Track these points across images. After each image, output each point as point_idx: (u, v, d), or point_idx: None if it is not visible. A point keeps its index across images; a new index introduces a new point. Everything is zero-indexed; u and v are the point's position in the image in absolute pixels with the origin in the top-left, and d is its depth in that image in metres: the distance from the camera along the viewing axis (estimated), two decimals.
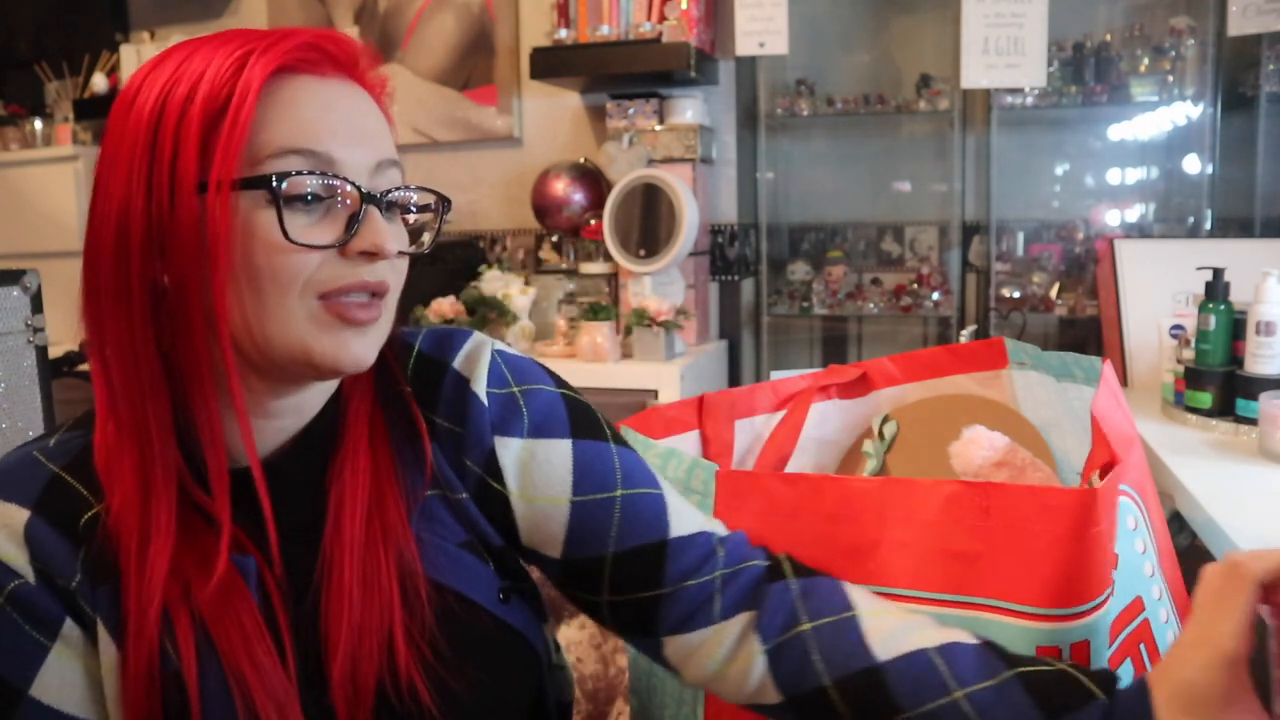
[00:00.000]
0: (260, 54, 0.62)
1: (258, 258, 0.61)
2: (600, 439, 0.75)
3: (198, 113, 0.60)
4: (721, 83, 2.62)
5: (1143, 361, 1.80)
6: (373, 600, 0.67)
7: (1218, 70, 2.35)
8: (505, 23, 2.80)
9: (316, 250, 0.61)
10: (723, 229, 2.67)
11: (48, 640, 0.63)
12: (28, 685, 0.62)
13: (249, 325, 0.62)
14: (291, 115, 0.62)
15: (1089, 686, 0.61)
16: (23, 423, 1.13)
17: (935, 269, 2.69)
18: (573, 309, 2.49)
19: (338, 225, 0.63)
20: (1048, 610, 0.73)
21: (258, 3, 3.07)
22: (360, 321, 0.63)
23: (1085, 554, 0.72)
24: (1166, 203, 2.58)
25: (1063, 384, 1.04)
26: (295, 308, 0.62)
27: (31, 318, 1.14)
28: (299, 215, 0.61)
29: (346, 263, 0.63)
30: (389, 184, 0.66)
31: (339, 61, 0.66)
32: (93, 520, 0.64)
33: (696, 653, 0.72)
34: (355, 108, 0.66)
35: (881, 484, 0.79)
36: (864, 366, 1.18)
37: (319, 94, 0.64)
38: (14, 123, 3.05)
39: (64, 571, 0.63)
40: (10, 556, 0.62)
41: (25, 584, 0.62)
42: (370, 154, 0.65)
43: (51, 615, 0.63)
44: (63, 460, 0.66)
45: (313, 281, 0.62)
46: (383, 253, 0.63)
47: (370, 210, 0.64)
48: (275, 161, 0.61)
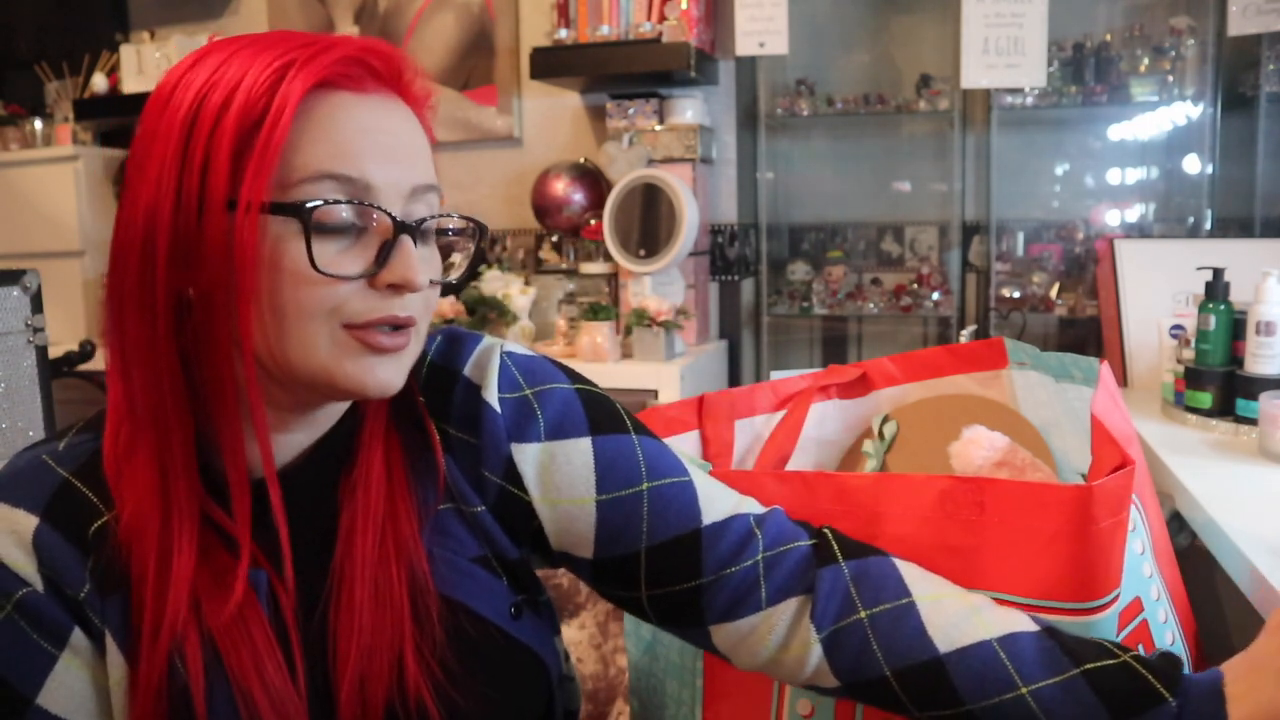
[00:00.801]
0: (301, 66, 0.59)
1: (284, 284, 0.59)
2: (621, 431, 0.72)
3: (232, 124, 0.58)
4: (721, 83, 2.62)
5: (1143, 361, 1.80)
6: (384, 617, 0.66)
7: (1218, 70, 2.35)
8: (505, 23, 2.80)
9: (345, 281, 0.60)
10: (723, 229, 2.67)
11: (55, 649, 0.62)
12: (35, 694, 0.61)
13: (271, 347, 0.61)
14: (328, 136, 0.60)
15: (1156, 687, 0.61)
16: (23, 423, 1.13)
17: (935, 269, 2.69)
18: (573, 309, 2.49)
19: (369, 253, 0.61)
20: (1051, 603, 0.73)
21: (258, 3, 3.07)
22: (386, 349, 0.62)
23: (1089, 551, 0.72)
24: (1166, 203, 2.58)
25: (1061, 384, 1.04)
26: (320, 334, 0.60)
27: (31, 318, 1.14)
28: (329, 243, 0.60)
29: (375, 294, 0.61)
30: (425, 210, 0.64)
31: (382, 76, 0.64)
32: (101, 529, 0.63)
33: (747, 640, 0.71)
34: (395, 127, 0.63)
35: (875, 480, 0.79)
36: (864, 366, 1.18)
37: (358, 113, 0.61)
38: (14, 123, 3.05)
39: (72, 581, 0.62)
40: (18, 564, 0.61)
41: (33, 592, 0.61)
42: (407, 178, 0.63)
43: (60, 624, 0.62)
44: (72, 466, 0.65)
45: (339, 311, 0.60)
46: (413, 286, 0.61)
47: (403, 240, 0.61)
48: (309, 186, 0.59)
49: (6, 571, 0.61)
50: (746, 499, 0.75)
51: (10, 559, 0.61)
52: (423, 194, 0.64)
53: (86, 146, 3.02)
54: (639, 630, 0.94)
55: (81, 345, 1.49)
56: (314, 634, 0.66)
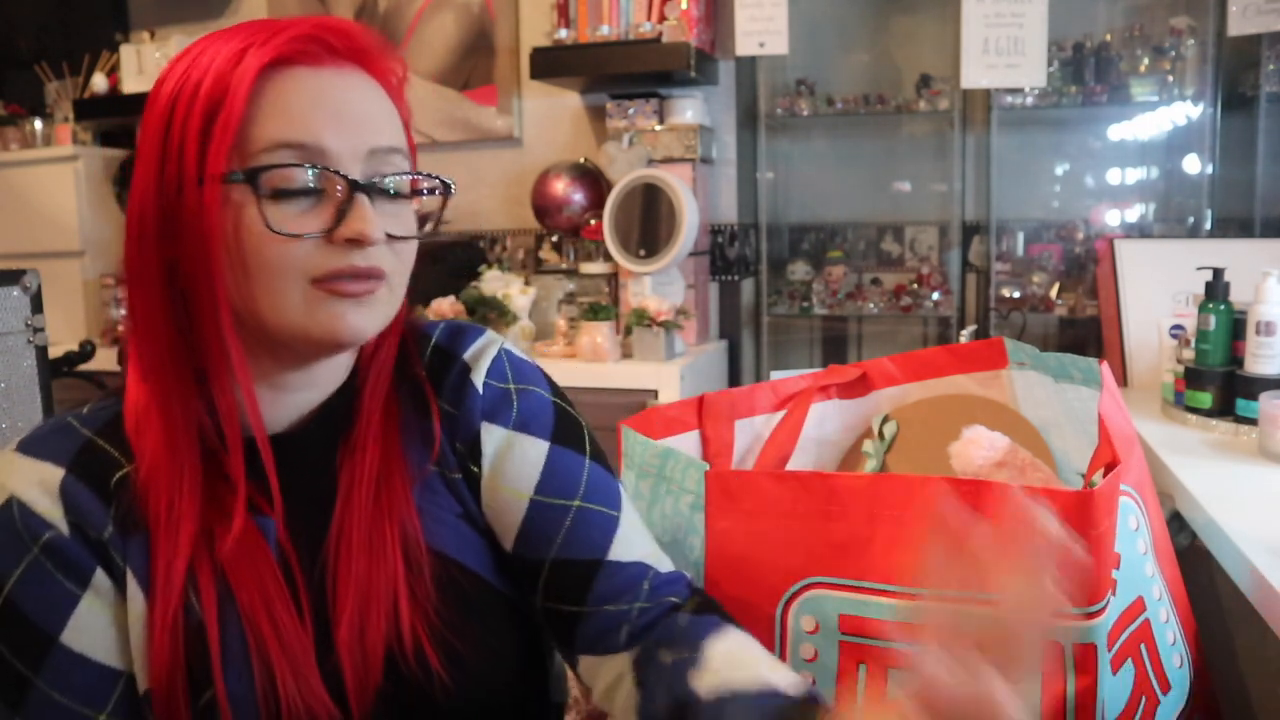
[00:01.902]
0: (257, 47, 0.65)
1: (247, 247, 0.64)
2: (578, 451, 0.78)
3: (200, 107, 0.64)
4: (721, 83, 2.62)
5: (1143, 361, 1.80)
6: (378, 568, 0.70)
7: (1218, 70, 2.35)
8: (505, 23, 2.80)
9: (302, 239, 0.64)
10: (723, 229, 2.67)
11: (78, 589, 0.66)
12: (58, 633, 0.65)
13: (248, 308, 0.66)
14: (283, 108, 0.65)
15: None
16: (23, 423, 1.13)
17: (935, 269, 2.69)
18: (573, 309, 2.49)
19: (328, 213, 0.65)
20: None
21: (258, 3, 3.08)
22: (354, 294, 0.66)
23: (1088, 554, 0.72)
24: (1166, 203, 2.58)
25: (1061, 384, 1.04)
26: (288, 292, 0.65)
27: (31, 318, 1.14)
28: (288, 205, 0.64)
29: (336, 249, 0.65)
30: (388, 169, 0.68)
31: (337, 50, 0.68)
32: (123, 479, 0.67)
33: (598, 676, 0.74)
34: (350, 95, 0.67)
35: (871, 481, 0.79)
36: (864, 366, 1.18)
37: (311, 85, 0.66)
38: (14, 123, 3.05)
39: (96, 524, 0.66)
40: (45, 510, 0.66)
41: (59, 535, 0.65)
42: (364, 141, 0.67)
43: (83, 565, 0.66)
44: (95, 426, 0.70)
45: (304, 268, 0.65)
46: (367, 239, 0.65)
47: (358, 198, 0.66)
48: (267, 155, 0.64)
49: (35, 517, 0.65)
50: (665, 558, 0.77)
51: (38, 506, 0.66)
52: (384, 155, 0.68)
53: (86, 146, 3.02)
54: None
55: (81, 345, 1.49)
56: (316, 580, 0.70)
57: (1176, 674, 0.86)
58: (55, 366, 1.28)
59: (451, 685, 0.70)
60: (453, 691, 0.70)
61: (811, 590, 0.81)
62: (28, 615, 0.65)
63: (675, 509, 0.89)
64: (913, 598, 0.77)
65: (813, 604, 0.80)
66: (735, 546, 0.84)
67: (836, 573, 0.80)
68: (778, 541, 0.82)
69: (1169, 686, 0.85)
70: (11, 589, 0.65)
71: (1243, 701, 1.11)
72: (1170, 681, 0.85)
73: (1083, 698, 0.73)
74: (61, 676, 0.65)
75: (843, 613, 0.79)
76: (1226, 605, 1.14)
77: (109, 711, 0.66)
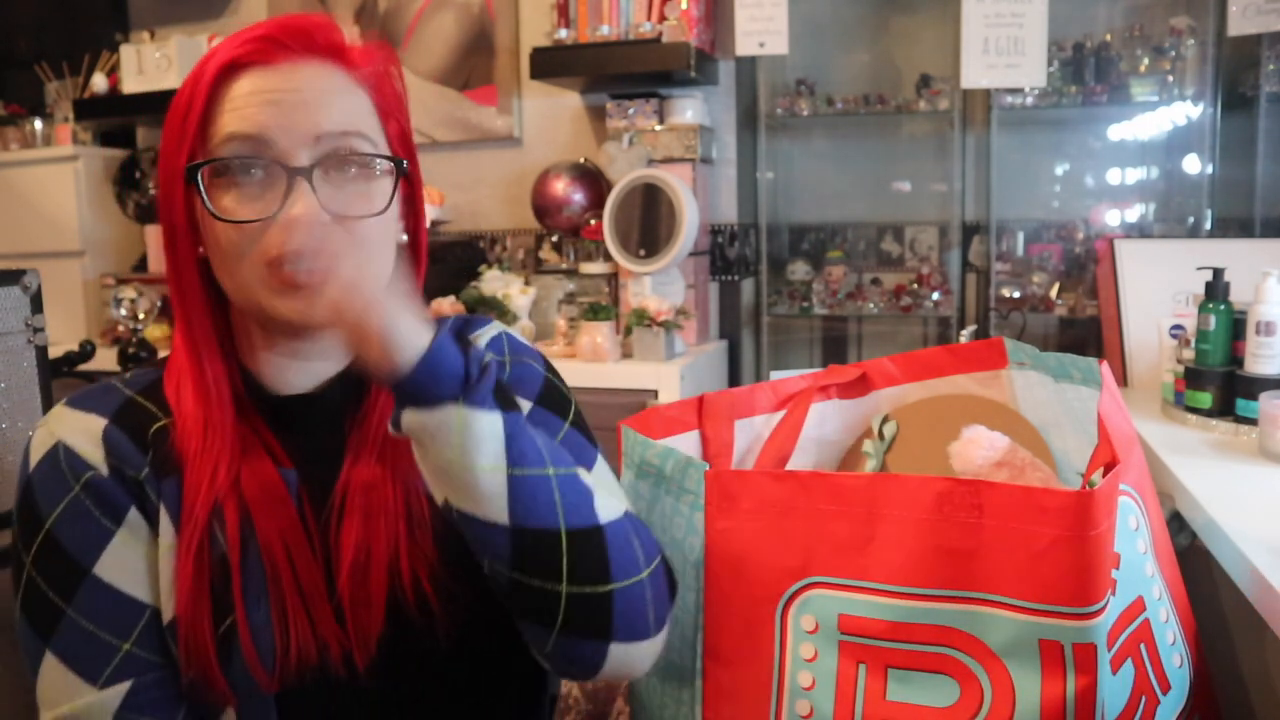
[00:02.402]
0: (216, 53, 0.72)
1: (209, 235, 0.73)
2: (560, 416, 0.85)
3: (178, 110, 0.73)
4: (721, 83, 2.62)
5: (1143, 361, 1.80)
6: (377, 523, 0.76)
7: (1218, 70, 2.35)
8: (505, 23, 2.80)
9: (246, 223, 0.70)
10: (723, 229, 2.67)
11: (113, 525, 0.73)
12: (92, 565, 0.72)
13: (228, 287, 0.74)
14: (233, 105, 0.71)
15: None
16: (23, 423, 1.13)
17: (935, 269, 2.68)
18: (573, 309, 2.49)
19: (275, 200, 0.70)
20: (1050, 606, 0.73)
21: (258, 3, 3.07)
22: (302, 283, 0.70)
23: (1087, 556, 0.72)
24: (1166, 203, 2.57)
25: (1061, 384, 1.04)
26: (250, 274, 0.71)
27: (31, 318, 1.14)
28: (235, 192, 0.71)
29: (284, 231, 0.70)
30: (343, 152, 0.73)
31: (290, 47, 0.73)
32: (160, 430, 0.75)
33: None
34: (299, 85, 0.72)
35: (871, 480, 0.79)
36: (864, 366, 1.18)
37: (259, 81, 0.72)
38: (14, 123, 3.05)
39: (134, 465, 0.74)
40: (88, 453, 0.73)
41: (99, 475, 0.73)
42: (310, 127, 0.71)
43: (119, 503, 0.73)
44: (137, 388, 0.79)
45: (257, 250, 0.70)
46: (303, 219, 0.70)
47: (297, 181, 0.70)
48: (219, 149, 0.71)
49: (78, 459, 0.73)
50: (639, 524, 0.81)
51: (82, 450, 0.73)
52: (334, 139, 0.72)
53: (86, 146, 3.02)
54: None
55: (81, 345, 1.49)
56: (323, 525, 0.76)
57: (1176, 674, 0.86)
58: (55, 366, 1.28)
59: (451, 629, 0.76)
60: (453, 636, 0.76)
61: (811, 590, 0.81)
62: (65, 548, 0.71)
63: (675, 509, 0.89)
64: (914, 598, 0.77)
65: (813, 604, 0.80)
66: (735, 546, 0.84)
67: (836, 573, 0.80)
68: (778, 541, 0.82)
69: (1169, 686, 0.85)
70: (53, 523, 0.72)
71: (1243, 701, 1.11)
72: (1170, 681, 0.85)
73: (1082, 698, 0.73)
74: (91, 605, 0.71)
75: (843, 613, 0.79)
76: (1226, 605, 1.14)
77: (134, 641, 0.72)
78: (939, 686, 0.76)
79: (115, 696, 0.71)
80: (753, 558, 0.83)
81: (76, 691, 0.70)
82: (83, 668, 0.71)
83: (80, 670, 0.71)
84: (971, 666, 0.75)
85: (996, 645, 0.74)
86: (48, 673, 0.71)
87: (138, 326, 2.64)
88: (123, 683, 0.71)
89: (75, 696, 0.70)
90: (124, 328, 2.67)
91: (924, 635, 0.76)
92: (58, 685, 0.71)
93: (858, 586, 0.79)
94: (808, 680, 0.81)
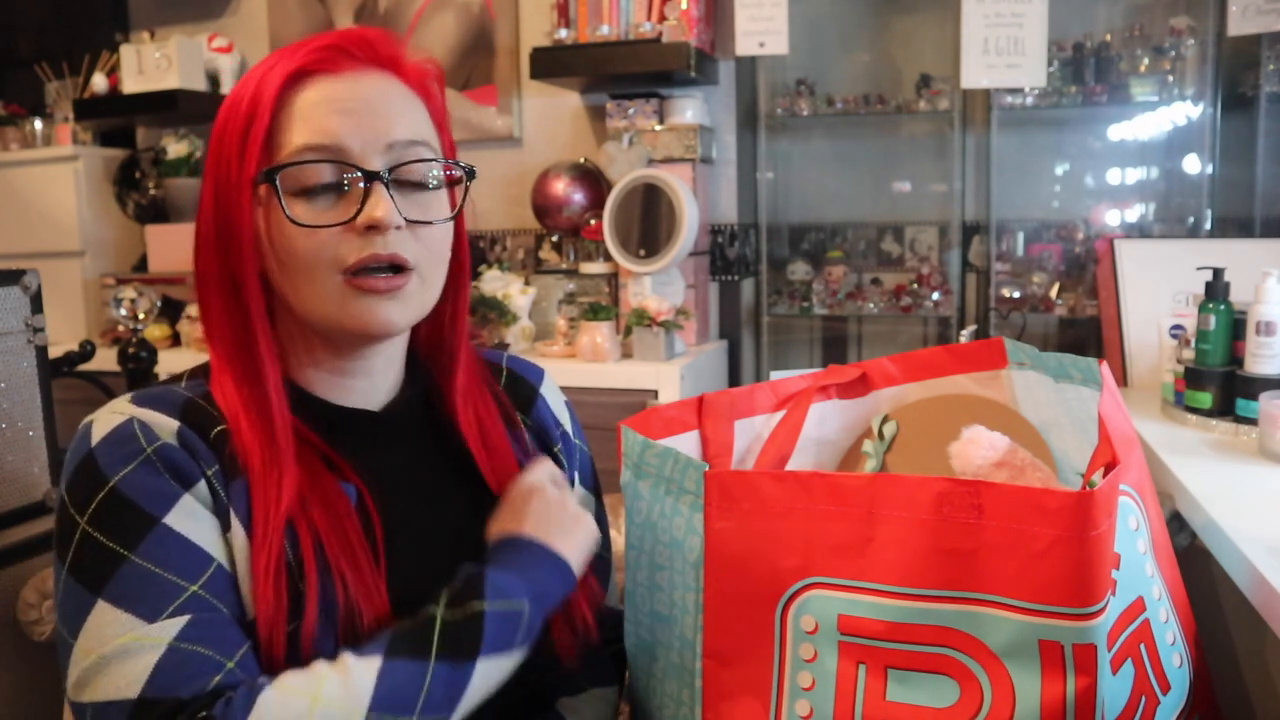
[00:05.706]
0: (284, 62, 0.72)
1: (279, 244, 0.72)
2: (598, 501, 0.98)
3: (238, 122, 0.72)
4: (721, 83, 2.62)
5: (1143, 361, 1.80)
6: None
7: (1218, 70, 2.35)
8: (505, 23, 2.80)
9: (326, 229, 0.70)
10: (723, 229, 2.67)
11: (182, 488, 0.70)
12: (163, 515, 0.68)
13: (294, 303, 0.74)
14: (304, 114, 0.71)
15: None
16: (23, 423, 1.13)
17: (935, 269, 2.68)
18: (573, 309, 2.49)
19: (351, 206, 0.71)
20: (1049, 607, 0.73)
21: (258, 3, 3.07)
22: (382, 291, 0.72)
23: (1087, 557, 0.72)
24: (1166, 203, 2.57)
25: (1061, 385, 1.04)
26: (324, 284, 0.72)
27: (31, 318, 1.14)
28: (313, 202, 0.71)
29: (360, 238, 0.71)
30: (411, 160, 0.74)
31: (356, 56, 0.74)
32: (221, 434, 0.74)
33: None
34: (367, 95, 0.73)
35: (870, 481, 0.79)
36: (864, 366, 1.18)
37: (330, 90, 0.72)
38: (14, 123, 3.05)
39: (205, 460, 0.72)
40: (163, 432, 0.71)
41: (171, 445, 0.71)
42: (382, 135, 0.72)
43: (189, 472, 0.71)
44: (194, 393, 0.77)
45: (333, 259, 0.71)
46: (383, 224, 0.70)
47: (375, 187, 0.71)
48: (294, 158, 0.71)
49: (151, 431, 0.71)
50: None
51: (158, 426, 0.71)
52: (405, 148, 0.74)
53: (86, 146, 3.02)
54: (638, 630, 0.94)
55: (81, 345, 1.49)
56: (387, 535, 0.77)
57: (1176, 674, 0.86)
58: (55, 366, 1.28)
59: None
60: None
61: (811, 590, 0.81)
62: (134, 500, 0.68)
63: (675, 509, 0.89)
64: (914, 599, 0.77)
65: (813, 604, 0.80)
66: (735, 546, 0.84)
67: (836, 573, 0.80)
68: (777, 542, 0.81)
69: (1169, 686, 0.85)
70: (119, 481, 0.68)
71: (1243, 701, 1.11)
72: (1170, 681, 0.85)
73: (1082, 698, 0.73)
74: (160, 550, 0.67)
75: (843, 613, 0.79)
76: (1226, 605, 1.14)
77: (202, 585, 0.68)
78: (939, 687, 0.76)
79: (173, 626, 0.65)
80: (752, 558, 0.83)
81: (129, 627, 0.64)
82: (140, 609, 0.65)
83: (137, 611, 0.65)
84: (971, 667, 0.75)
85: (996, 646, 0.74)
86: (95, 621, 0.64)
87: (138, 326, 2.64)
88: (181, 616, 0.65)
89: (128, 631, 0.64)
90: (124, 328, 2.67)
91: (924, 636, 0.76)
92: (108, 627, 0.64)
93: (857, 587, 0.79)
94: (807, 680, 0.81)
